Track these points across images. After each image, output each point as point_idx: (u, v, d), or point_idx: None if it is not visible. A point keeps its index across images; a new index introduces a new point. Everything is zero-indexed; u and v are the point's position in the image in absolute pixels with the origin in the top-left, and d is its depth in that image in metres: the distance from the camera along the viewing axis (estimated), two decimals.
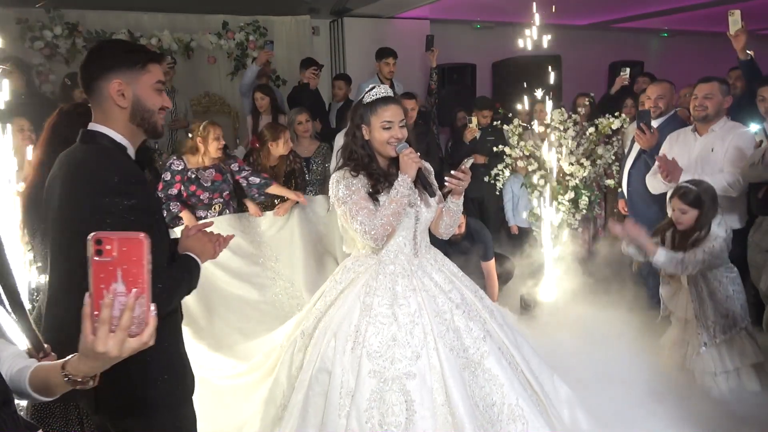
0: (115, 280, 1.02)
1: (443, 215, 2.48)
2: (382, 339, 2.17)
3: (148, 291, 1.04)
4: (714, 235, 2.86)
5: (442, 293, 2.31)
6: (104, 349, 1.02)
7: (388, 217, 2.20)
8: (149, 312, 1.05)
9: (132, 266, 1.03)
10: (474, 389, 2.18)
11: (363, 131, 2.30)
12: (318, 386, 2.20)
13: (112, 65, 1.60)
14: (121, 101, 1.60)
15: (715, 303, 2.93)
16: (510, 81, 6.68)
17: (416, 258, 2.37)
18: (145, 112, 1.65)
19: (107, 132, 1.62)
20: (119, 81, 1.59)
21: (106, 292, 1.02)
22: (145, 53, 1.65)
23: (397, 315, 2.22)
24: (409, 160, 2.22)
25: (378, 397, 2.10)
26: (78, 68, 1.67)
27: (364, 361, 2.14)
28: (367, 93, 2.33)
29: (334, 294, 2.37)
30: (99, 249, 1.02)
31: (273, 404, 2.38)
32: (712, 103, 3.30)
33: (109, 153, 1.61)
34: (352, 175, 2.29)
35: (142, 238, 1.03)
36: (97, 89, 1.61)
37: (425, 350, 2.16)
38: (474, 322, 2.29)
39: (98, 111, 1.64)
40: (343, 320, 2.26)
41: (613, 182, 4.47)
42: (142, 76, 1.63)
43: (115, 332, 1.02)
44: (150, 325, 1.05)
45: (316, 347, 2.27)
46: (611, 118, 4.30)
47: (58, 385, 1.12)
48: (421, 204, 2.36)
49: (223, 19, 6.21)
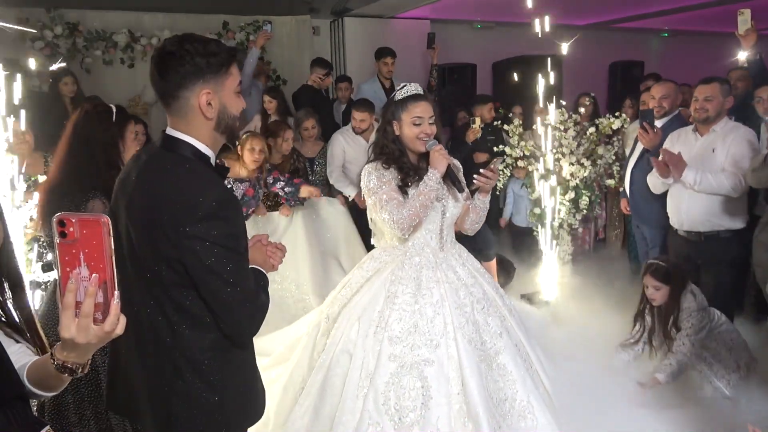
0: (78, 264, 0.98)
1: (470, 212, 2.55)
2: (404, 326, 2.24)
3: (112, 277, 0.99)
4: (687, 312, 2.93)
5: (464, 287, 2.37)
6: (69, 336, 0.98)
7: (416, 208, 2.27)
8: (112, 300, 1.00)
9: (93, 250, 0.98)
10: (488, 382, 2.23)
11: (394, 127, 2.37)
12: (338, 367, 2.26)
13: (199, 74, 1.45)
14: (209, 112, 1.47)
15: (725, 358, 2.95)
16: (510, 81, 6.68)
17: (442, 252, 2.43)
18: (230, 119, 1.53)
19: (191, 141, 1.49)
20: (207, 91, 1.46)
21: (70, 276, 0.98)
22: (226, 54, 1.50)
23: (419, 304, 2.28)
24: (439, 156, 2.30)
25: (396, 380, 2.16)
26: (153, 71, 1.49)
27: (386, 345, 2.21)
28: (399, 90, 2.41)
29: (361, 282, 2.43)
30: (62, 231, 0.97)
31: (292, 388, 2.44)
32: (712, 105, 3.29)
33: (199, 169, 1.48)
34: (383, 167, 2.37)
35: (103, 221, 0.98)
36: (180, 99, 1.47)
37: (444, 339, 2.23)
38: (492, 318, 2.35)
39: (180, 119, 1.50)
40: (367, 306, 2.33)
41: (614, 182, 4.47)
42: (226, 81, 1.50)
43: (78, 319, 0.98)
44: (112, 314, 1.00)
45: (339, 330, 2.34)
46: (612, 118, 4.30)
47: (52, 375, 1.08)
48: (449, 199, 2.42)
49: (224, 19, 6.21)
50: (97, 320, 0.99)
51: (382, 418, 2.11)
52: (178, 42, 1.47)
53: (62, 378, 1.09)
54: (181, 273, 1.44)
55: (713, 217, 3.30)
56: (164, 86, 1.48)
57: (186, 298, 1.48)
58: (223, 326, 1.50)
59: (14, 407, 1.10)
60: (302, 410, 2.27)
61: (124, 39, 5.83)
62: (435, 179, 2.28)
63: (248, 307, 1.50)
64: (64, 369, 1.06)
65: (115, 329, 1.02)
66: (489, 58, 7.52)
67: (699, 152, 3.38)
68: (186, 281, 1.46)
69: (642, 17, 7.46)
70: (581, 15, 7.44)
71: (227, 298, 1.45)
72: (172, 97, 1.48)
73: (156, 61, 1.48)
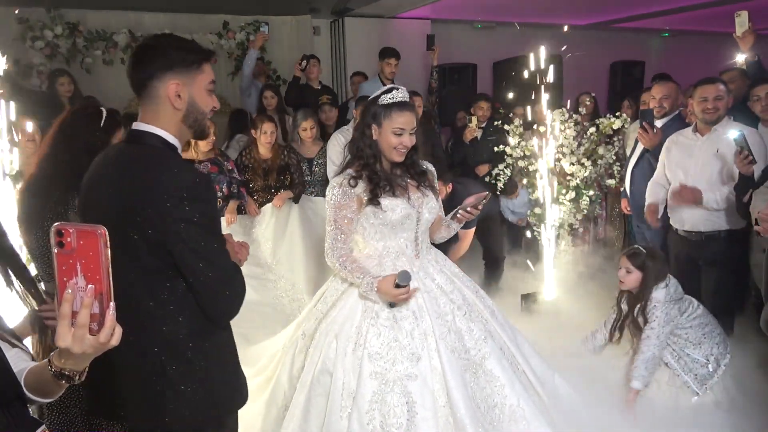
0: (75, 274, 0.99)
1: (441, 229, 2.53)
2: (384, 340, 2.18)
3: (108, 288, 1.00)
4: (654, 302, 2.87)
5: (443, 294, 2.32)
6: (65, 345, 1.00)
7: (344, 268, 2.26)
8: (108, 311, 1.01)
9: (89, 261, 0.99)
10: (475, 391, 2.18)
11: (373, 131, 2.28)
12: (320, 387, 2.20)
13: (169, 65, 1.52)
14: (178, 103, 1.53)
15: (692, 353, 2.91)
16: (510, 81, 6.68)
17: (417, 259, 2.37)
18: (198, 113, 1.58)
19: (158, 132, 1.54)
20: (176, 82, 1.52)
21: (67, 286, 0.99)
22: (199, 52, 1.58)
23: (398, 317, 2.22)
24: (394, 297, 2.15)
25: (379, 398, 2.10)
26: (129, 63, 1.57)
27: (366, 363, 2.14)
28: (385, 94, 2.27)
29: (336, 295, 2.37)
30: (60, 241, 0.98)
31: (275, 405, 2.38)
32: (723, 104, 3.25)
33: (169, 156, 1.54)
34: (350, 184, 2.27)
35: (100, 232, 0.99)
36: (150, 88, 1.53)
37: (426, 352, 2.17)
38: (475, 323, 2.29)
39: (149, 110, 1.55)
40: (345, 322, 2.26)
41: (614, 182, 4.47)
42: (197, 77, 1.56)
43: (74, 328, 0.99)
44: (107, 326, 1.01)
45: (317, 349, 2.27)
46: (612, 118, 4.29)
47: (49, 382, 1.10)
48: (423, 205, 2.37)
49: (224, 19, 6.22)
50: (92, 330, 1.00)
51: None
52: (155, 37, 1.59)
53: (60, 384, 1.10)
54: (164, 259, 1.47)
55: (714, 216, 3.29)
56: (136, 76, 1.54)
57: (166, 287, 1.51)
58: (206, 308, 1.53)
59: (13, 407, 1.10)
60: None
61: (125, 39, 5.84)
62: (369, 293, 2.19)
63: (230, 286, 1.54)
64: (61, 376, 1.07)
65: (110, 340, 1.03)
66: (489, 58, 7.52)
67: (702, 153, 3.37)
68: (167, 269, 1.49)
69: (642, 17, 7.46)
70: (581, 15, 7.44)
71: (211, 277, 1.49)
72: (143, 87, 1.54)
73: (133, 53, 1.57)
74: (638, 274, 2.95)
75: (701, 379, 2.88)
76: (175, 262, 1.48)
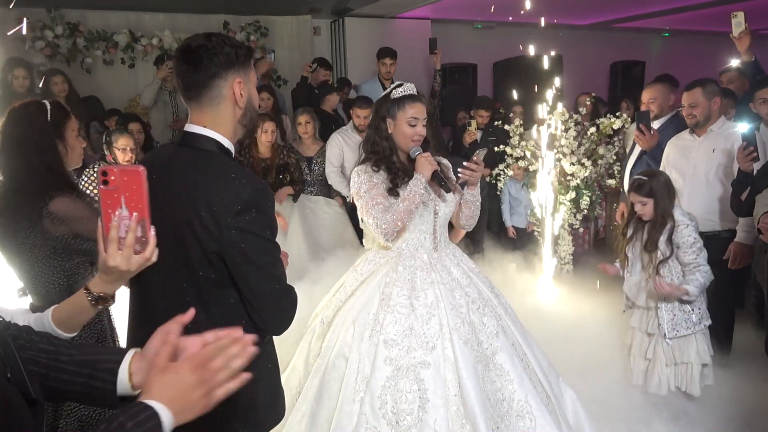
0: (119, 206, 1.18)
1: (462, 208, 2.53)
2: (399, 328, 2.22)
3: (148, 215, 1.20)
4: (683, 224, 2.85)
5: (459, 288, 2.35)
6: (114, 264, 1.20)
7: (400, 213, 2.26)
8: (149, 233, 1.21)
9: (133, 194, 1.18)
10: (486, 383, 2.21)
11: (387, 125, 2.36)
12: (335, 371, 2.24)
13: (230, 62, 1.46)
14: (241, 101, 1.49)
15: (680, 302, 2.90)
16: (511, 81, 6.68)
17: (436, 252, 2.42)
18: (253, 111, 1.55)
19: (214, 136, 1.49)
20: (240, 80, 1.48)
21: (113, 216, 1.18)
22: (248, 48, 1.53)
23: (414, 306, 2.26)
24: (425, 162, 2.29)
25: (392, 384, 2.14)
26: (183, 65, 1.47)
27: (381, 349, 2.18)
28: (395, 89, 2.38)
29: (355, 284, 2.41)
30: (105, 180, 1.17)
31: (289, 392, 2.40)
32: (698, 111, 3.33)
33: (228, 163, 1.48)
34: (373, 170, 2.35)
35: (141, 170, 1.17)
36: (212, 88, 1.47)
37: (440, 341, 2.21)
38: (488, 318, 2.33)
39: (207, 112, 1.49)
40: (362, 309, 2.31)
41: (615, 182, 4.47)
42: (251, 73, 1.53)
43: (122, 249, 1.20)
44: (150, 244, 1.22)
45: (334, 334, 2.31)
46: (612, 118, 4.30)
47: (84, 309, 1.29)
48: (439, 199, 2.41)
49: (224, 19, 6.22)
50: (136, 251, 1.21)
51: (380, 422, 2.09)
52: (204, 36, 1.48)
53: (90, 312, 1.30)
54: (219, 269, 1.44)
55: (714, 217, 3.30)
56: (197, 77, 1.46)
57: (220, 296, 1.47)
58: (259, 319, 1.48)
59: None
60: (300, 415, 2.25)
61: (125, 39, 5.84)
62: (420, 184, 2.28)
63: (286, 297, 1.51)
64: (99, 300, 1.28)
65: (151, 257, 1.23)
66: (489, 58, 7.52)
67: (699, 154, 3.39)
68: (221, 278, 1.45)
69: (642, 17, 7.46)
70: (582, 15, 7.44)
71: (267, 289, 1.46)
72: (204, 87, 1.47)
73: (185, 56, 1.47)
74: (651, 202, 2.89)
75: (675, 325, 2.87)
76: (229, 271, 1.44)
